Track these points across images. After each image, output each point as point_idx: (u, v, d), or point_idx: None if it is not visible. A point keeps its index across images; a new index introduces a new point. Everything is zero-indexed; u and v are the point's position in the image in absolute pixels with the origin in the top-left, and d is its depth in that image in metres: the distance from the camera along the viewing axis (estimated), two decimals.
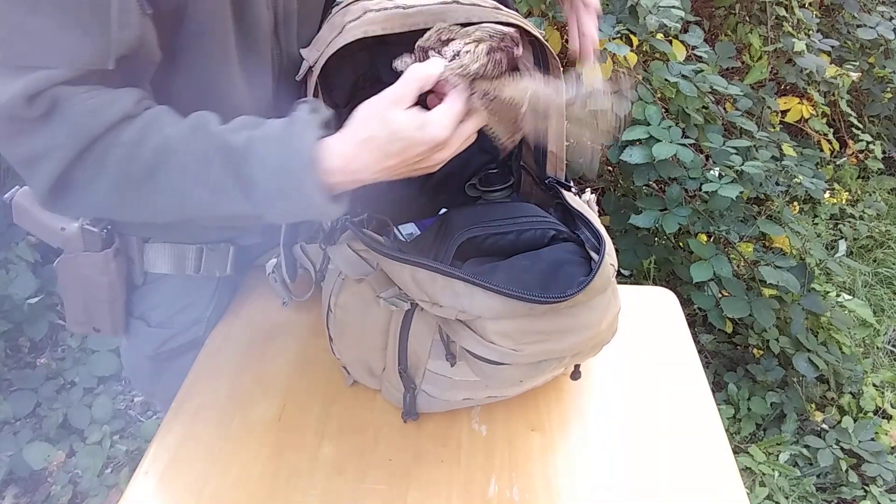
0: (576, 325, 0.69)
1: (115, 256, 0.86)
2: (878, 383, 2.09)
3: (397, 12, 0.72)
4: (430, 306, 0.68)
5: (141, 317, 0.93)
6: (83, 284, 0.88)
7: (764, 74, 2.15)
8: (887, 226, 2.74)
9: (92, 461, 1.70)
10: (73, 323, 0.93)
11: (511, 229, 0.76)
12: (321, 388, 0.86)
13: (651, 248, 2.01)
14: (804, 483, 1.79)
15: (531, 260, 0.72)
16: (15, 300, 1.76)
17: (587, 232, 0.75)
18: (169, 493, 0.74)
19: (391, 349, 0.76)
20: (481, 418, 0.82)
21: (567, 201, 0.81)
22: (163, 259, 0.90)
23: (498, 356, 0.67)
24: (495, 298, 0.65)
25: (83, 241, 0.85)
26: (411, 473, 0.76)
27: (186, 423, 0.81)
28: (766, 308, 1.79)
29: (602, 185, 2.24)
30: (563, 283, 0.69)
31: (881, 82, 2.67)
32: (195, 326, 0.95)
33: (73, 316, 0.92)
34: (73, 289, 0.89)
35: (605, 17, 1.72)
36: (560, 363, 0.73)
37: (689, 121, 1.84)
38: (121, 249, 0.87)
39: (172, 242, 0.90)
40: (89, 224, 0.84)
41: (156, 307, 0.93)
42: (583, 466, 0.77)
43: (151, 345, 0.95)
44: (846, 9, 2.52)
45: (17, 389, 1.82)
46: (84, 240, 0.85)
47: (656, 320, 0.98)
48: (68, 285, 0.89)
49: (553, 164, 0.86)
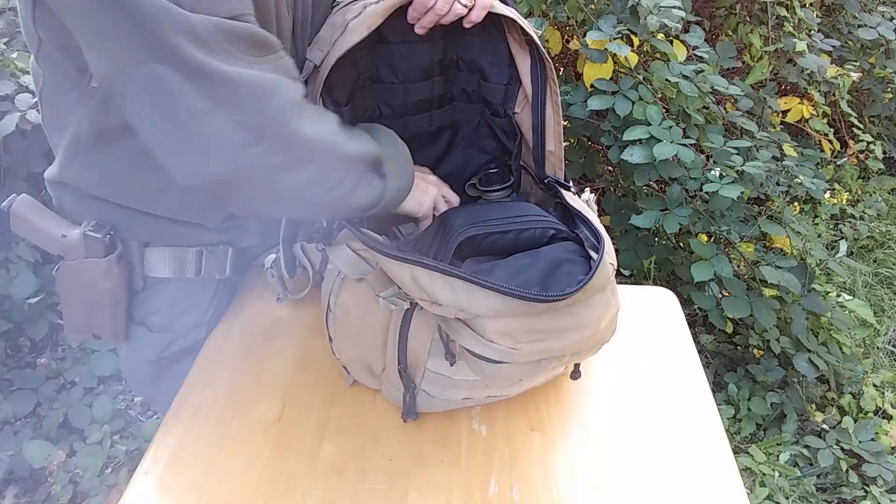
0: (575, 324, 0.69)
1: (117, 262, 0.86)
2: (879, 383, 2.08)
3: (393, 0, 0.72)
4: (429, 305, 0.68)
5: (142, 322, 0.93)
6: (85, 291, 0.88)
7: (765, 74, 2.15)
8: (888, 226, 2.74)
9: (92, 461, 1.70)
10: (71, 330, 0.92)
11: (510, 228, 0.76)
12: (321, 388, 0.86)
13: (651, 248, 2.01)
14: (804, 483, 1.79)
15: (530, 259, 0.72)
16: (15, 300, 1.76)
17: (586, 231, 0.75)
18: (169, 493, 0.74)
19: (391, 348, 0.76)
20: (481, 418, 0.82)
21: (566, 200, 0.81)
22: (163, 263, 0.90)
23: (497, 355, 0.67)
24: (494, 297, 0.65)
25: (85, 247, 0.84)
26: (411, 473, 0.76)
27: (186, 423, 0.81)
28: (767, 308, 1.79)
29: (602, 185, 2.24)
30: (563, 282, 0.69)
31: (882, 82, 2.67)
32: (196, 329, 0.95)
33: (73, 323, 0.91)
34: (74, 296, 0.89)
35: (606, 17, 1.72)
36: (559, 362, 0.73)
37: (690, 121, 1.84)
38: (123, 255, 0.87)
39: (172, 246, 0.90)
40: (92, 230, 0.84)
41: (156, 311, 0.93)
42: (583, 466, 0.77)
43: (153, 350, 0.94)
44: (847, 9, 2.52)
45: (18, 389, 1.82)
46: (86, 246, 0.84)
47: (656, 320, 0.98)
48: (69, 293, 0.89)
49: (552, 163, 0.86)
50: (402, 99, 0.90)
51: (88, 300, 0.88)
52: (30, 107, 1.47)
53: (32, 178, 1.64)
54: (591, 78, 1.78)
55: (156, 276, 0.91)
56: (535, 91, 0.81)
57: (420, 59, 0.87)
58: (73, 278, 0.87)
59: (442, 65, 0.89)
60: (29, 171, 1.63)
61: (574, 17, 1.94)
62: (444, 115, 0.94)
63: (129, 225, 0.86)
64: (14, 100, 1.47)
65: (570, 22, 1.97)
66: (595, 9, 1.88)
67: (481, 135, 0.95)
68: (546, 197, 0.88)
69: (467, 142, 0.97)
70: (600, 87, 1.75)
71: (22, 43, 1.60)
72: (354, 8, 0.75)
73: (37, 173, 1.62)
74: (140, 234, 0.88)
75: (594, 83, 1.76)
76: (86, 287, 0.87)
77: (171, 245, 0.90)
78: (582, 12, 1.90)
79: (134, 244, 0.88)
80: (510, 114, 0.87)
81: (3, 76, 1.51)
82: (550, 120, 0.82)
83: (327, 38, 0.76)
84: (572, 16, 1.94)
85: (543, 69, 0.79)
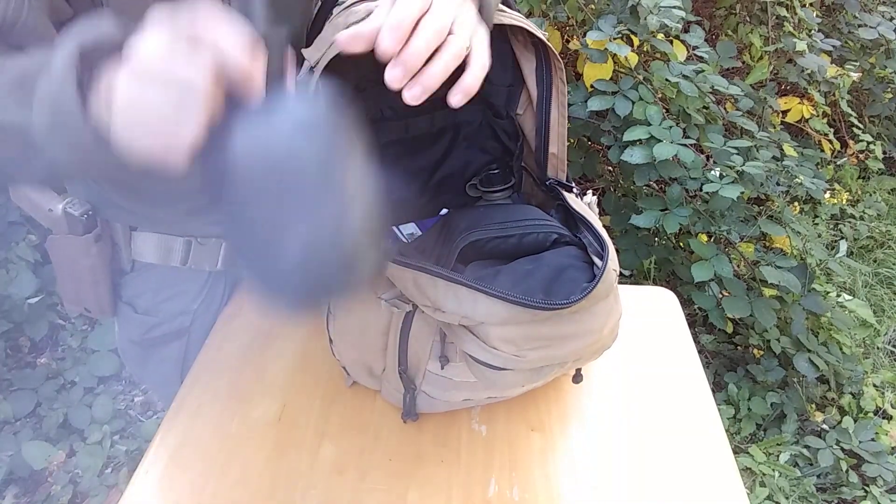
0: (578, 331, 0.69)
1: (95, 241, 0.87)
2: (879, 383, 2.09)
3: None
4: (432, 311, 0.68)
5: (129, 302, 0.94)
6: (69, 265, 0.89)
7: (765, 74, 2.15)
8: (887, 226, 2.74)
9: (92, 461, 1.71)
10: (67, 301, 0.94)
11: (513, 233, 0.76)
12: (321, 388, 0.86)
13: (651, 248, 2.01)
14: (804, 483, 1.79)
15: (534, 264, 0.72)
16: (15, 300, 1.76)
17: (590, 236, 0.75)
18: (169, 493, 0.74)
19: (391, 350, 0.76)
20: (481, 418, 0.82)
21: (568, 203, 0.81)
22: (149, 249, 0.91)
23: (501, 362, 0.67)
24: (499, 304, 0.65)
25: (66, 223, 0.85)
26: (411, 473, 0.76)
27: (186, 423, 0.81)
28: (767, 308, 1.79)
29: (602, 185, 2.24)
30: (566, 288, 0.68)
31: (882, 82, 2.67)
32: (181, 317, 0.96)
33: (66, 294, 0.93)
34: (63, 269, 0.91)
35: (606, 17, 1.72)
36: (562, 368, 0.73)
37: (690, 121, 1.84)
38: (102, 235, 0.88)
39: (160, 233, 0.90)
40: (70, 207, 0.85)
41: (141, 294, 0.94)
42: (583, 466, 0.77)
43: (138, 330, 0.96)
44: (847, 8, 2.52)
45: (18, 389, 1.82)
46: (67, 222, 0.85)
47: (656, 320, 0.98)
48: (59, 265, 0.91)
49: (554, 165, 0.86)
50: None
51: (73, 274, 0.90)
52: None
53: None
54: (591, 78, 1.78)
55: (142, 261, 0.92)
56: (541, 93, 0.81)
57: None
58: (59, 252, 0.89)
59: None
60: None
61: (574, 17, 1.94)
62: (446, 116, 0.94)
63: (112, 210, 0.88)
64: None
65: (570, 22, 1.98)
66: (595, 9, 1.88)
67: (483, 136, 0.94)
68: (547, 198, 0.88)
69: (469, 142, 0.96)
70: (600, 88, 1.75)
71: None
72: (358, 11, 0.74)
73: None
74: (124, 219, 0.89)
75: (594, 83, 1.76)
76: (70, 261, 0.89)
77: (158, 232, 0.90)
78: (582, 12, 1.90)
79: (119, 226, 0.89)
80: (512, 115, 0.87)
81: None
82: (555, 122, 0.82)
83: (328, 40, 0.76)
84: (572, 16, 1.94)
85: (550, 71, 0.79)
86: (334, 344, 0.82)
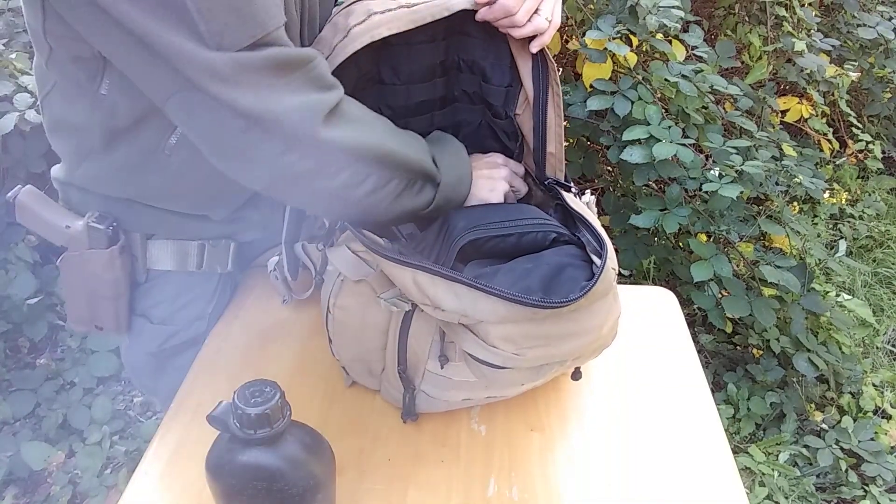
0: (578, 330, 0.69)
1: (120, 253, 0.87)
2: (878, 383, 2.09)
3: (402, 12, 0.72)
4: (431, 310, 0.68)
5: (143, 314, 0.94)
6: (88, 282, 0.88)
7: (764, 74, 2.15)
8: (887, 226, 2.75)
9: (91, 461, 1.70)
10: (74, 321, 0.93)
11: (512, 232, 0.76)
12: (321, 388, 0.86)
13: (651, 248, 2.01)
14: (804, 483, 1.79)
15: (533, 263, 0.72)
16: (14, 300, 1.76)
17: (588, 235, 0.75)
18: (169, 493, 0.74)
19: (391, 349, 0.76)
20: (481, 418, 0.82)
21: (567, 202, 0.81)
22: (165, 255, 0.91)
23: (500, 360, 0.67)
24: (499, 303, 0.65)
25: (88, 238, 0.85)
26: (411, 473, 0.76)
27: (186, 423, 0.81)
28: (767, 308, 1.79)
29: (602, 185, 2.24)
30: (565, 287, 0.69)
31: (881, 82, 2.67)
32: (197, 322, 0.96)
33: (76, 314, 0.92)
34: (77, 287, 0.90)
35: (605, 17, 1.72)
36: (561, 366, 0.73)
37: (689, 121, 1.84)
38: (125, 246, 0.88)
39: (175, 239, 0.91)
40: (95, 221, 0.85)
41: (158, 304, 0.94)
42: (582, 466, 0.77)
43: (154, 342, 0.95)
44: (846, 8, 2.52)
45: (17, 390, 1.82)
46: (89, 237, 0.85)
47: (656, 320, 0.98)
48: (72, 283, 0.89)
49: (552, 165, 0.86)
50: (404, 100, 0.89)
51: (91, 291, 0.89)
52: (28, 107, 1.47)
53: (31, 178, 1.64)
54: (591, 78, 1.78)
55: (158, 269, 0.91)
56: (537, 93, 0.81)
57: (422, 61, 0.87)
58: (76, 269, 0.88)
59: (444, 66, 0.89)
60: (28, 172, 1.63)
61: (573, 17, 1.94)
62: (446, 116, 0.94)
63: (133, 217, 0.87)
64: (13, 100, 1.47)
65: (568, 22, 1.98)
66: (594, 8, 1.88)
67: (482, 136, 0.94)
68: (546, 198, 0.88)
69: (468, 142, 0.96)
70: (599, 87, 1.75)
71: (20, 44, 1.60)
72: (358, 11, 0.74)
73: (35, 174, 1.62)
74: (144, 226, 0.89)
75: (593, 83, 1.76)
76: (89, 278, 0.88)
77: (173, 238, 0.91)
78: (581, 12, 1.90)
79: (137, 236, 0.89)
80: (511, 115, 0.87)
81: (2, 77, 1.50)
82: (552, 122, 0.82)
83: (328, 40, 0.76)
84: (571, 15, 1.94)
85: (546, 71, 0.79)
86: (333, 343, 0.82)
